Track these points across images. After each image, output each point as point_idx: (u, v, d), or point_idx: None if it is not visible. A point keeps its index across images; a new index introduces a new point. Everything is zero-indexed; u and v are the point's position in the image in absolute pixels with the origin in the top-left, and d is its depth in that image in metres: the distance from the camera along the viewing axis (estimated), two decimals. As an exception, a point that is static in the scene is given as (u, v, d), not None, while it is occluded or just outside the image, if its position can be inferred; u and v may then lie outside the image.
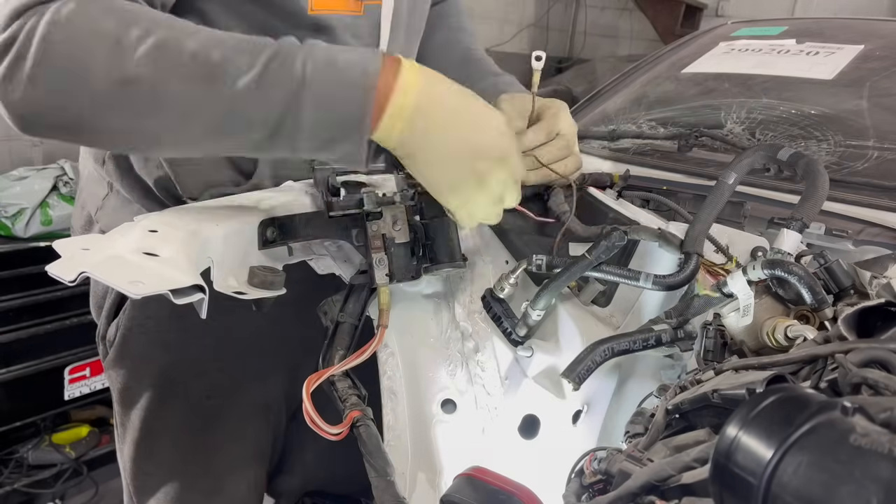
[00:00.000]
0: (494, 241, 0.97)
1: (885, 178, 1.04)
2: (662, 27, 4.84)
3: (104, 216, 0.94)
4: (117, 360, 0.97)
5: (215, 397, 0.99)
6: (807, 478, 0.33)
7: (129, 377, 0.97)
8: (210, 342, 0.96)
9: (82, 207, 0.99)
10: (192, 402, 0.98)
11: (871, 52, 1.38)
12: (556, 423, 0.92)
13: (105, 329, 0.97)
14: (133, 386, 0.98)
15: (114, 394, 1.01)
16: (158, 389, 0.97)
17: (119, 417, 1.02)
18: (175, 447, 1.00)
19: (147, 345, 0.95)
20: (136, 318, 0.94)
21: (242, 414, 1.02)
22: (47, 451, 2.11)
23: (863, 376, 0.45)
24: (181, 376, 0.97)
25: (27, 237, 2.06)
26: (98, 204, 0.95)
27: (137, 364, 0.96)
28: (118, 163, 0.91)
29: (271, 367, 1.03)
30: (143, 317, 0.94)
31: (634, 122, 1.39)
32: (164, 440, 0.99)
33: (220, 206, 0.82)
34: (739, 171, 0.92)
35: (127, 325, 0.94)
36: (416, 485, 0.85)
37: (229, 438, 1.02)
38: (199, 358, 0.96)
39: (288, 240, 0.82)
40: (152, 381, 0.97)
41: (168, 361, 0.96)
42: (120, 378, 0.98)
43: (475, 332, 0.92)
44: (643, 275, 0.85)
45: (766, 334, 0.71)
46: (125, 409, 1.00)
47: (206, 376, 0.97)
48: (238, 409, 1.01)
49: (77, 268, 0.59)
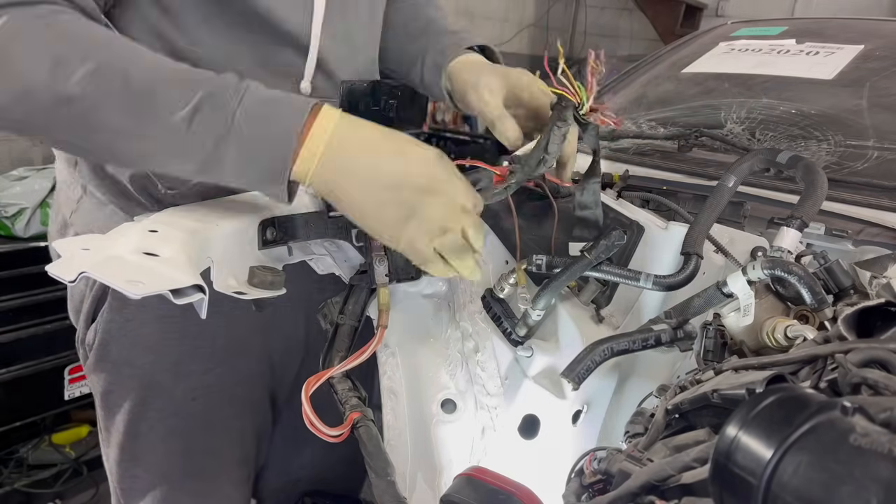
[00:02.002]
0: (494, 241, 0.97)
1: (885, 178, 1.04)
2: (662, 27, 4.85)
3: (78, 219, 0.93)
4: (97, 365, 0.96)
5: (200, 399, 0.98)
6: (807, 478, 0.33)
7: (111, 381, 0.96)
8: (192, 344, 0.95)
9: (57, 212, 0.98)
10: (176, 404, 0.97)
11: (871, 52, 1.38)
12: (556, 423, 0.92)
13: (84, 333, 0.96)
14: (115, 389, 0.97)
15: (96, 398, 1.00)
16: (141, 392, 0.96)
17: (102, 422, 1.01)
18: (161, 449, 0.99)
19: (128, 348, 0.94)
20: (115, 321, 0.93)
21: (228, 415, 1.01)
22: (47, 451, 2.11)
23: (863, 376, 0.45)
24: (164, 379, 0.96)
25: (27, 237, 2.06)
26: (73, 207, 0.94)
27: (118, 367, 0.95)
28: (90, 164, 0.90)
29: (256, 368, 1.03)
30: (122, 320, 0.92)
31: (634, 121, 1.39)
32: (149, 443, 0.98)
33: (220, 206, 0.82)
34: (739, 174, 0.92)
35: (105, 329, 0.93)
36: (416, 485, 0.85)
37: (215, 440, 1.01)
38: (181, 360, 0.95)
39: (288, 240, 0.82)
40: (134, 385, 0.96)
41: (150, 364, 0.95)
42: (101, 382, 0.97)
43: (475, 332, 0.92)
44: (643, 275, 0.85)
45: (766, 334, 0.71)
46: (108, 414, 0.99)
47: (190, 378, 0.96)
48: (223, 410, 1.00)
49: (77, 268, 0.59)
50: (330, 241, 0.88)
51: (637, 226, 0.97)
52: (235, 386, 1.00)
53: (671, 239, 0.94)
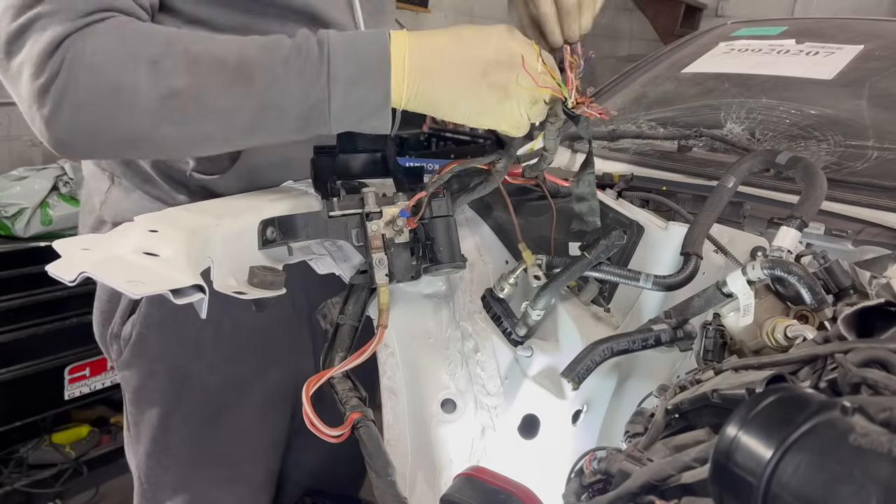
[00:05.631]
0: (494, 241, 0.97)
1: (885, 178, 1.04)
2: (662, 27, 4.85)
3: (108, 209, 0.96)
4: (133, 359, 0.98)
5: (233, 389, 1.00)
6: (806, 478, 0.33)
7: (146, 375, 0.98)
8: (226, 336, 0.97)
9: (87, 201, 1.01)
10: (208, 395, 0.99)
11: (871, 52, 1.38)
12: (556, 422, 0.92)
13: (120, 328, 0.98)
14: (149, 384, 0.98)
15: (127, 393, 1.02)
16: (176, 385, 0.98)
17: (132, 417, 1.02)
18: (192, 439, 1.01)
19: (165, 341, 0.96)
20: (153, 316, 0.95)
21: (259, 404, 1.03)
22: (47, 451, 2.11)
23: (862, 376, 0.45)
24: (198, 371, 0.98)
25: (27, 237, 2.06)
26: (102, 198, 0.97)
27: (155, 361, 0.97)
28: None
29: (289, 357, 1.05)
30: (160, 314, 0.94)
31: (634, 122, 1.39)
32: (181, 434, 1.00)
33: (221, 205, 0.82)
34: (738, 175, 0.92)
35: (144, 324, 0.95)
36: (415, 484, 0.85)
37: (247, 427, 1.03)
38: (216, 351, 0.98)
39: (288, 240, 0.82)
40: (169, 377, 0.98)
41: (185, 356, 0.97)
42: (135, 376, 0.99)
43: (475, 332, 0.92)
44: (643, 275, 0.85)
45: (766, 334, 0.71)
46: (139, 408, 1.01)
47: (223, 369, 0.99)
48: (254, 398, 1.03)
49: (77, 268, 0.59)
50: (330, 241, 0.88)
51: (637, 226, 0.97)
52: (268, 376, 1.03)
53: (671, 239, 0.94)
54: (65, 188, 2.16)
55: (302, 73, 0.71)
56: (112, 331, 0.99)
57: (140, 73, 0.69)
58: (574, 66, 0.78)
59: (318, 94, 0.71)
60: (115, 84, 0.68)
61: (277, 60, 0.71)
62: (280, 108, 0.72)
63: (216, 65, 0.70)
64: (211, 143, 0.76)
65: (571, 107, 0.78)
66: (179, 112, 0.70)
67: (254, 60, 0.71)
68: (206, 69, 0.70)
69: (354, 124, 0.75)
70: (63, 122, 0.70)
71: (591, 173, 0.92)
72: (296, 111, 0.72)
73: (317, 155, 0.88)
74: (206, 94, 0.71)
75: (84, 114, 0.69)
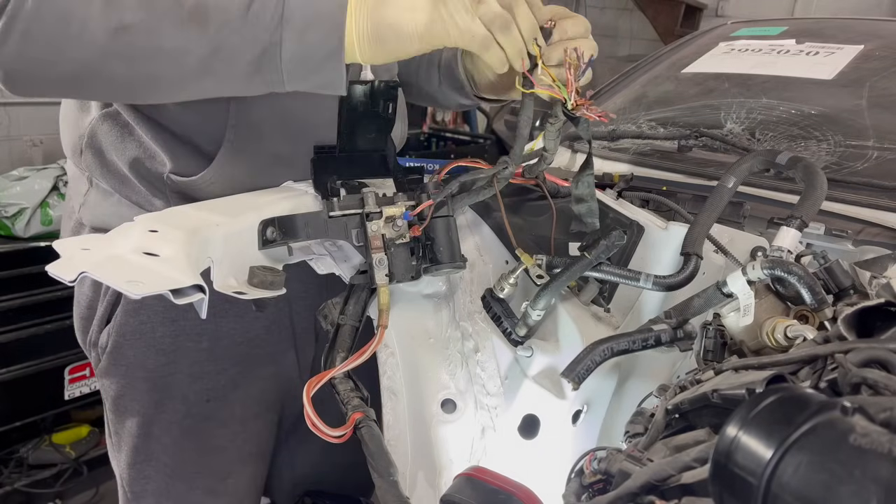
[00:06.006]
0: (494, 241, 0.97)
1: (885, 178, 1.04)
2: (662, 27, 4.85)
3: (87, 211, 0.94)
4: (110, 368, 0.96)
5: (214, 399, 0.98)
6: (807, 478, 0.34)
7: (124, 384, 0.97)
8: (205, 345, 0.96)
9: (67, 203, 1.00)
10: (189, 404, 0.97)
11: (871, 52, 1.38)
12: (556, 422, 0.92)
13: (97, 336, 0.96)
14: (127, 393, 0.97)
15: (107, 402, 1.00)
16: (154, 395, 0.96)
17: (113, 426, 1.01)
18: (174, 450, 0.99)
19: (142, 351, 0.94)
20: (130, 325, 0.93)
21: (243, 413, 1.01)
22: (47, 451, 2.11)
23: (862, 376, 0.45)
24: (178, 381, 0.96)
25: (27, 237, 2.06)
26: (81, 200, 0.95)
27: (132, 370, 0.95)
28: (94, 150, 0.91)
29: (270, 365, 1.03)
30: (136, 322, 0.93)
31: (634, 122, 1.39)
32: (162, 443, 0.98)
33: (221, 205, 0.82)
34: (739, 174, 0.92)
35: (120, 332, 0.94)
36: (416, 484, 0.85)
37: (231, 437, 1.01)
38: (195, 361, 0.96)
39: (288, 240, 0.82)
40: (148, 387, 0.96)
41: (163, 366, 0.95)
42: (114, 386, 0.97)
43: (475, 332, 0.92)
44: (643, 275, 0.85)
45: (766, 334, 0.71)
46: (119, 417, 0.99)
47: (203, 379, 0.97)
48: (238, 408, 1.01)
49: (77, 268, 0.59)
50: (330, 242, 0.88)
51: (637, 226, 0.97)
52: (250, 386, 1.01)
53: (671, 239, 0.94)
54: (65, 188, 2.16)
55: (257, 17, 0.69)
56: (90, 339, 0.98)
57: (93, 4, 0.67)
58: (574, 68, 0.77)
59: (270, 38, 0.70)
60: (66, 13, 0.67)
61: (235, 2, 0.70)
62: (231, 51, 0.70)
63: (173, 2, 0.69)
64: (161, 86, 0.74)
65: (571, 108, 0.78)
66: (129, 48, 0.69)
67: (210, 1, 0.70)
68: (162, 5, 0.69)
69: (307, 75, 0.73)
70: (10, 51, 0.68)
71: (591, 174, 0.92)
72: (247, 56, 0.70)
73: (317, 155, 0.88)
74: (157, 32, 0.69)
75: (32, 44, 0.67)
